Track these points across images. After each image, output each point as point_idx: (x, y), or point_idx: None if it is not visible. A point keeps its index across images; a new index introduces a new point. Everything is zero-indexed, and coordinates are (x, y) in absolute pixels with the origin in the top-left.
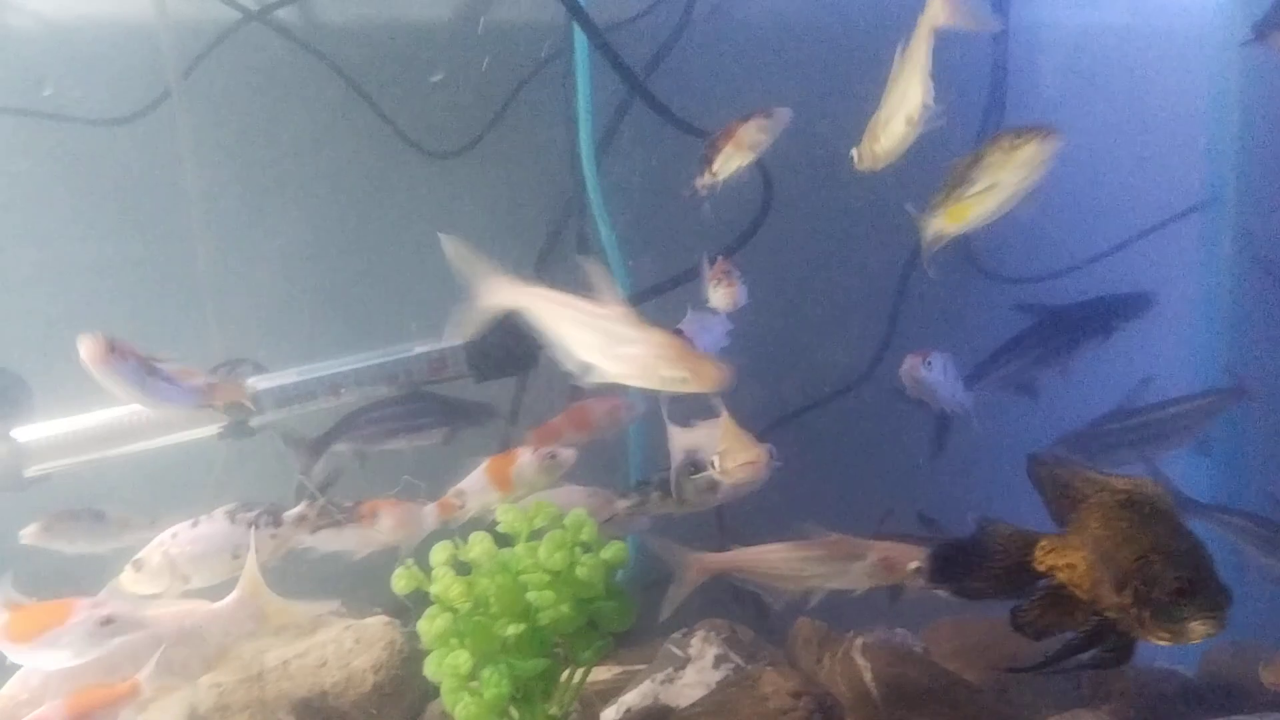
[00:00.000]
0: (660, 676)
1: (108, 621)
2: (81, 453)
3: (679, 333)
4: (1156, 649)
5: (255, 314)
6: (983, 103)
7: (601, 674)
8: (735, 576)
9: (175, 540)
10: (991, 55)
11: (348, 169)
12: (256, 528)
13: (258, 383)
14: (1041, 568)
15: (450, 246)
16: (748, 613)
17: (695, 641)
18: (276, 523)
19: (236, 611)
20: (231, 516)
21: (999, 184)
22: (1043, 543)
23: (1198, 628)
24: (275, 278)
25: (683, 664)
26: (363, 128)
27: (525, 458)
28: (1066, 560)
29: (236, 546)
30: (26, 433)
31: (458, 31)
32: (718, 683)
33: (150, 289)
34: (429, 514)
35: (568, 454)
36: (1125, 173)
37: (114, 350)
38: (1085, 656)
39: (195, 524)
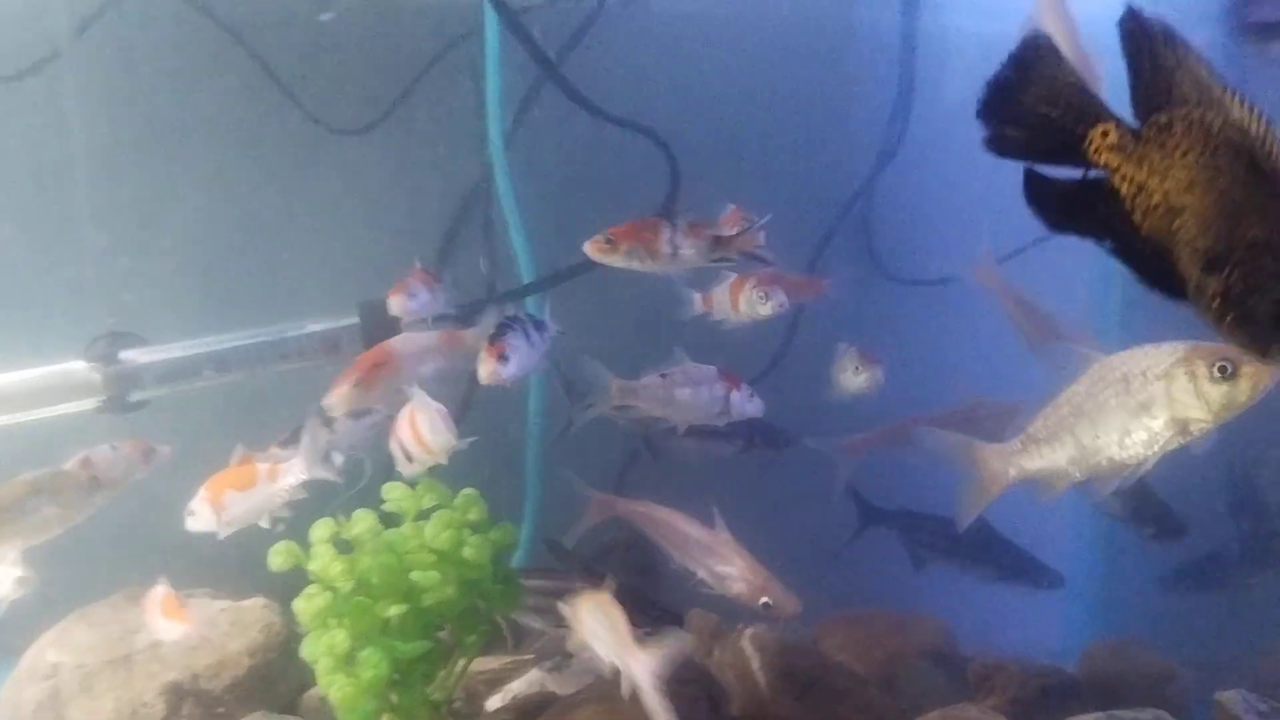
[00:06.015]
0: (549, 664)
1: None
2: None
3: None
4: (1036, 645)
5: (145, 287)
6: (889, 109)
7: (490, 663)
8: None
9: None
10: (899, 62)
11: (247, 141)
12: None
13: (138, 356)
14: (1096, 158)
15: None
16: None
17: None
18: None
19: None
20: None
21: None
22: (1105, 127)
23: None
24: (168, 250)
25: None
26: (265, 100)
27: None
28: (1135, 175)
29: None
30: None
31: (367, 4)
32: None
33: (34, 255)
34: None
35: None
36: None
37: None
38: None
39: None
